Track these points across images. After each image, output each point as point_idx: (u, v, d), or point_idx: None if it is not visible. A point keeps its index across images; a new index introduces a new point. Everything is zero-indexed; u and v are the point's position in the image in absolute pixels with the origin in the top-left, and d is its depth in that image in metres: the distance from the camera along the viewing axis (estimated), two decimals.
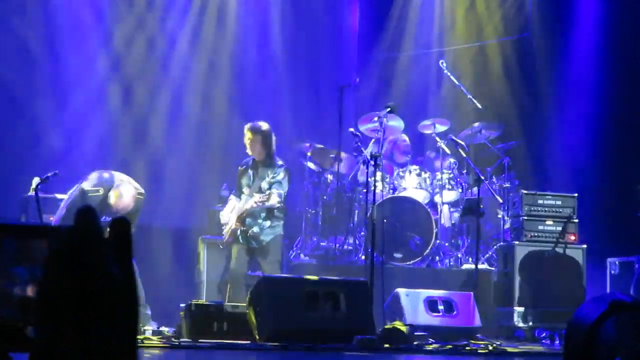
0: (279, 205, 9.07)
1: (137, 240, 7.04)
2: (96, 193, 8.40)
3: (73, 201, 8.31)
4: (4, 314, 0.80)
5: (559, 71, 11.99)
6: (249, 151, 9.22)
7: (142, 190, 8.58)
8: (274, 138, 9.22)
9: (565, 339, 1.49)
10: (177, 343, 7.38)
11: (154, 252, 9.46)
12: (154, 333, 8.03)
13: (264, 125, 9.19)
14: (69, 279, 0.81)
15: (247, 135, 9.18)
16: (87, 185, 8.35)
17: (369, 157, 9.08)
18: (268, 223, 9.18)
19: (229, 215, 9.23)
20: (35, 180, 8.45)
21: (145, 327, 8.21)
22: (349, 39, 13.19)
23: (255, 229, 9.13)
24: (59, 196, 9.40)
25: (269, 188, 9.13)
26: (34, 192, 8.37)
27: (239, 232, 9.11)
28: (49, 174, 8.18)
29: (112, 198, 8.30)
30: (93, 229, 0.82)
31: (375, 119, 10.36)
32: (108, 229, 0.86)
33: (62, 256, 0.81)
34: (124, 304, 0.82)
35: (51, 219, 8.96)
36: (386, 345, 7.42)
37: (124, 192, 8.35)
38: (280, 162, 9.28)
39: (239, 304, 7.89)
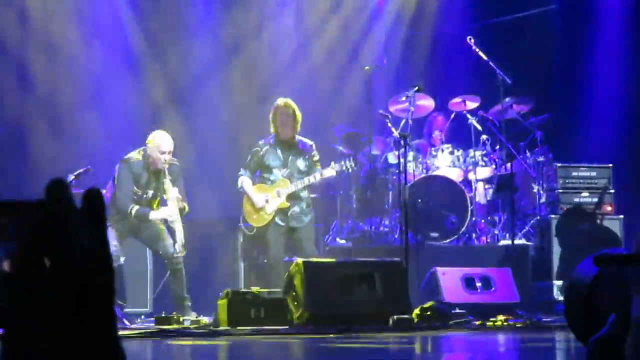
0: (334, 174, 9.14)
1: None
2: (136, 158, 8.57)
3: (119, 173, 8.49)
4: None
5: (589, 41, 11.87)
6: (279, 128, 9.12)
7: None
8: None
9: (564, 299, 1.50)
10: (215, 331, 7.44)
11: (191, 244, 9.49)
12: (193, 322, 8.10)
13: (292, 103, 9.22)
14: (39, 252, 0.83)
15: (287, 112, 9.13)
16: (126, 156, 8.56)
17: (398, 138, 9.06)
18: (305, 204, 9.20)
19: (264, 196, 9.17)
20: (68, 177, 8.54)
21: (184, 317, 8.30)
22: (376, 19, 13.13)
23: (297, 209, 9.15)
24: None
25: (309, 166, 9.15)
26: None
27: (275, 214, 9.11)
28: (80, 170, 8.27)
29: (150, 148, 8.54)
30: (63, 201, 0.84)
31: (404, 98, 10.34)
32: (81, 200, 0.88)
33: (33, 229, 0.83)
34: (97, 274, 0.84)
35: None
36: (423, 325, 7.42)
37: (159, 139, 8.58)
38: (309, 141, 9.28)
39: (275, 290, 7.94)
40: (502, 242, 10.18)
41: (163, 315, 8.17)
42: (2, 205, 0.93)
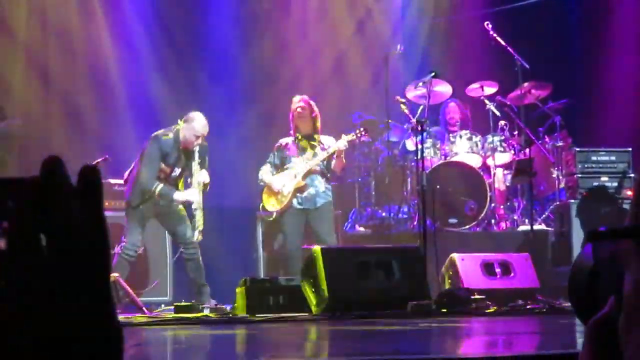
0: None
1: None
2: (167, 136, 8.59)
3: (147, 150, 8.51)
4: None
5: (607, 25, 11.79)
6: (298, 126, 9.22)
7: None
8: None
9: (568, 281, 1.48)
10: (234, 318, 7.46)
11: (210, 232, 9.53)
12: (212, 310, 8.13)
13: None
14: (34, 228, 0.83)
15: (304, 112, 9.19)
16: (156, 133, 8.58)
17: (415, 124, 9.05)
18: (322, 187, 9.22)
19: (282, 180, 9.22)
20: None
21: (204, 305, 8.32)
22: (393, 6, 13.11)
23: (312, 190, 9.18)
24: (112, 181, 9.52)
25: (328, 160, 9.23)
26: None
27: (293, 195, 9.16)
28: (99, 160, 8.27)
29: (185, 128, 8.57)
30: (58, 176, 0.84)
31: (420, 84, 10.32)
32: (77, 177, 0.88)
33: (27, 205, 0.83)
34: (93, 250, 0.84)
35: (107, 204, 9.09)
36: (443, 310, 7.40)
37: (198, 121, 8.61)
38: (329, 137, 9.35)
39: (293, 277, 7.95)
40: (522, 228, 10.15)
41: (182, 303, 8.21)
42: None
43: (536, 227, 9.74)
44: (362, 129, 9.38)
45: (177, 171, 8.68)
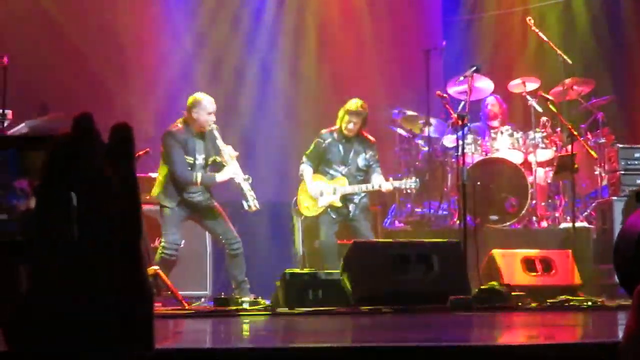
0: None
1: (235, 216, 7.05)
2: (177, 127, 8.61)
3: (166, 147, 8.53)
4: (8, 228, 0.82)
5: None
6: (345, 129, 9.21)
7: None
8: None
9: (614, 250, 1.46)
10: (273, 312, 7.47)
11: (250, 227, 9.55)
12: (251, 304, 8.13)
13: (366, 108, 9.22)
14: (64, 184, 0.82)
15: (359, 118, 9.17)
16: (167, 129, 8.64)
17: (456, 119, 9.00)
18: (358, 199, 9.28)
19: (320, 188, 9.25)
20: None
21: (243, 299, 8.33)
22: (433, 1, 13.07)
23: (350, 207, 9.22)
24: (153, 175, 9.57)
25: (368, 165, 9.23)
26: None
27: (328, 208, 9.21)
28: (140, 153, 8.28)
29: (196, 112, 8.58)
30: (89, 133, 0.83)
31: (461, 78, 10.26)
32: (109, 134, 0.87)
33: (57, 162, 0.82)
34: (122, 208, 0.83)
35: (147, 197, 9.13)
36: (482, 306, 7.35)
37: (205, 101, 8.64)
38: (372, 138, 9.33)
39: (332, 271, 7.95)
40: (563, 225, 10.06)
41: (222, 296, 8.22)
42: (31, 139, 0.93)
43: (578, 224, 9.65)
44: (412, 180, 9.32)
45: (200, 158, 8.64)
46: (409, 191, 9.76)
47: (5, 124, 9.00)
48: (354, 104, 9.20)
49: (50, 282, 0.86)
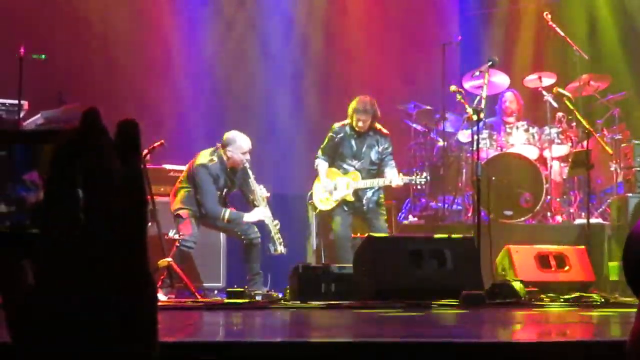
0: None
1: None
2: (212, 161, 8.69)
3: (200, 179, 8.62)
4: (18, 220, 0.83)
5: None
6: (356, 125, 9.22)
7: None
8: None
9: (623, 251, 1.45)
10: (286, 304, 7.48)
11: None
12: (264, 297, 8.15)
13: (374, 104, 9.21)
14: (70, 178, 0.83)
15: (367, 116, 9.18)
16: (202, 160, 8.67)
17: (471, 113, 8.98)
18: (371, 193, 9.28)
19: (334, 182, 9.28)
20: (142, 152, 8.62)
21: (256, 292, 8.35)
22: None
23: (365, 201, 9.24)
24: (167, 167, 9.59)
25: (381, 158, 9.22)
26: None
27: (341, 202, 9.24)
28: (155, 144, 8.30)
29: (231, 150, 8.74)
30: (96, 127, 0.84)
31: (477, 73, 10.24)
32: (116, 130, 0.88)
33: (62, 158, 0.82)
34: (128, 200, 0.83)
35: (162, 189, 9.15)
36: (495, 302, 7.33)
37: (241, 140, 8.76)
38: (385, 130, 9.32)
39: (345, 265, 7.95)
40: (578, 221, 10.04)
41: (235, 288, 8.24)
42: (40, 133, 0.93)
43: (593, 220, 9.62)
44: (421, 176, 9.33)
45: (224, 191, 8.83)
46: (419, 187, 9.76)
47: (22, 115, 9.02)
48: (359, 102, 9.21)
49: (51, 281, 0.86)
